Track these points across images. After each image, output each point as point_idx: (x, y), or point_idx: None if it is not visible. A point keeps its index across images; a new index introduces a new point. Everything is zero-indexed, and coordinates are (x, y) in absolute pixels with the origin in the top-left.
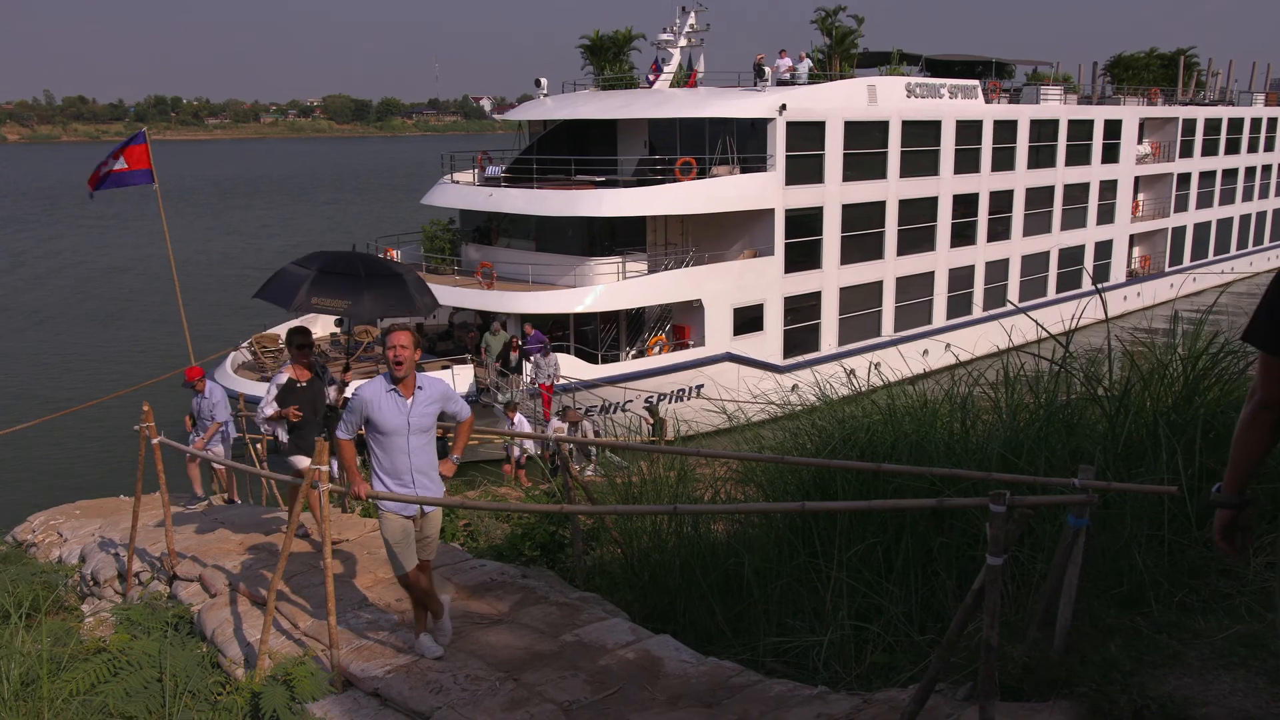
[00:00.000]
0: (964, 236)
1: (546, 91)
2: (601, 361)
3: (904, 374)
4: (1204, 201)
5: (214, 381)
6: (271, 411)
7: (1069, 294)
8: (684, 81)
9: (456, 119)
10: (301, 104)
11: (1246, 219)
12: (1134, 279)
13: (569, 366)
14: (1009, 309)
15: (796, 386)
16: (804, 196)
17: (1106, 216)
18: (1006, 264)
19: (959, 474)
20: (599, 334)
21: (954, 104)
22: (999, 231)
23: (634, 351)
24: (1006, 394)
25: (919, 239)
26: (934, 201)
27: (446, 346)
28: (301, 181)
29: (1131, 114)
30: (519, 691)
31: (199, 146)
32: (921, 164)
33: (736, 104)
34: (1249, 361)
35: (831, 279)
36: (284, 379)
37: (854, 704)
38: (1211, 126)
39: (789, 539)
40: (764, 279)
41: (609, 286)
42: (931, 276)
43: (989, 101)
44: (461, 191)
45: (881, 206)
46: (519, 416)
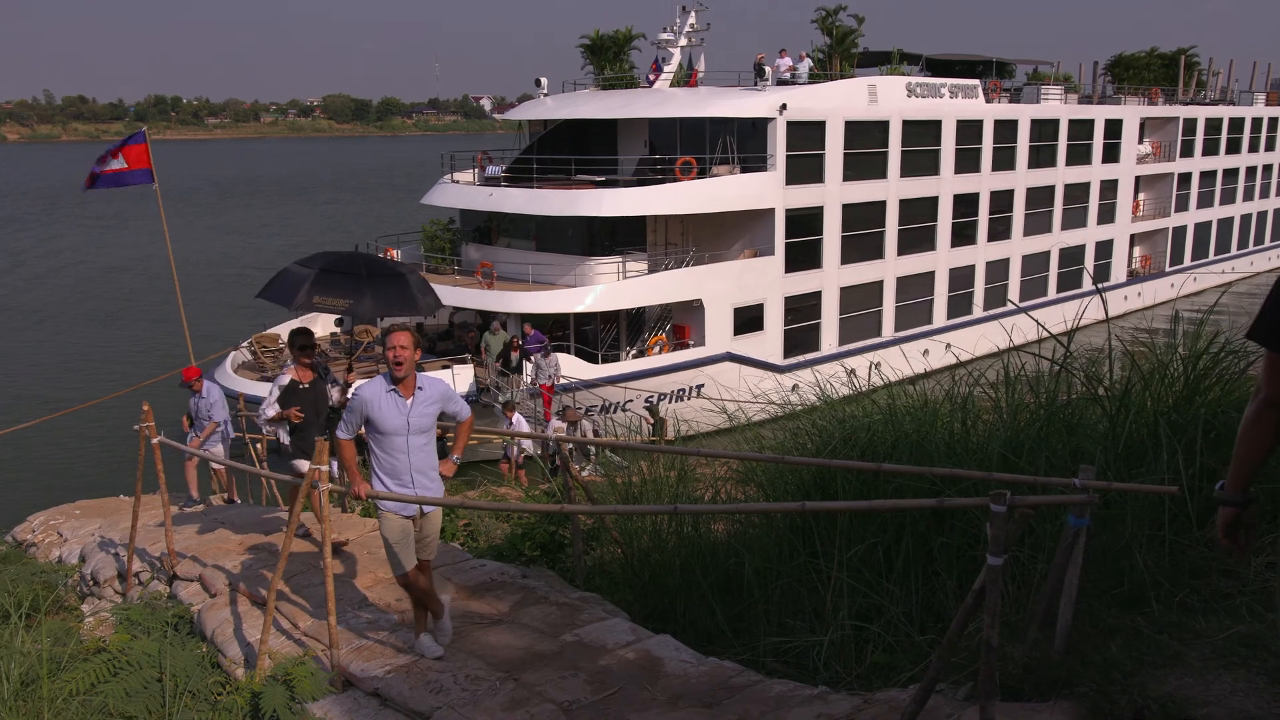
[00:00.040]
0: (964, 236)
1: (546, 91)
2: (602, 361)
3: (904, 374)
4: (1205, 201)
5: (211, 381)
6: (273, 413)
7: (1069, 294)
8: (684, 81)
9: (456, 119)
10: (301, 104)
11: (1247, 219)
12: (1135, 279)
13: (569, 366)
14: (1009, 309)
15: (797, 386)
16: (804, 196)
17: (1107, 216)
18: (1007, 264)
19: (959, 474)
20: (599, 334)
21: (954, 104)
22: (999, 231)
23: (634, 351)
24: (1007, 394)
25: (919, 239)
26: (934, 201)
27: (446, 346)
28: (301, 181)
29: (1132, 114)
30: (519, 691)
31: (199, 146)
32: (922, 164)
33: (737, 103)
34: (1250, 362)
35: (832, 279)
36: (286, 380)
37: (854, 704)
38: (1212, 126)
39: (789, 539)
40: (764, 279)
41: (609, 286)
42: (932, 276)
43: (989, 101)
44: (461, 191)
45: (882, 206)
46: (517, 416)
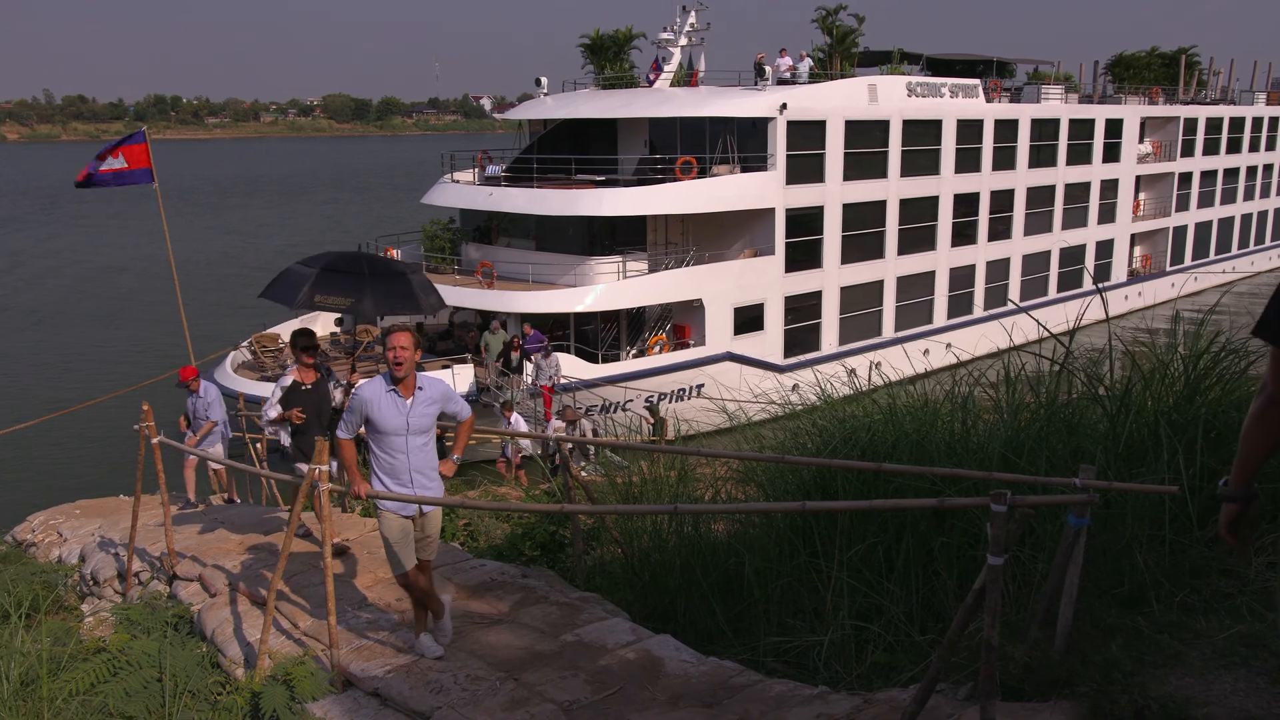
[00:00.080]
0: (965, 236)
1: (547, 91)
2: (602, 361)
3: (905, 373)
4: (1205, 201)
5: (209, 381)
6: (275, 414)
7: (1070, 293)
8: (685, 81)
9: (456, 118)
10: (301, 103)
11: (1248, 218)
12: (1135, 278)
13: (569, 366)
14: (1010, 308)
15: (797, 386)
16: (804, 196)
17: (1108, 216)
18: (1007, 263)
19: (960, 474)
20: (599, 333)
21: (955, 103)
22: (1000, 231)
23: (634, 351)
24: (1007, 393)
25: (920, 238)
26: (935, 201)
27: (446, 346)
28: (301, 181)
29: (1133, 113)
30: (519, 691)
31: (199, 146)
32: (922, 163)
33: (737, 103)
34: (1250, 361)
35: (832, 278)
36: (289, 381)
37: (854, 704)
38: (1213, 126)
39: (789, 539)
40: (764, 278)
41: (609, 286)
42: (932, 276)
43: (990, 101)
44: (461, 191)
45: (882, 206)
46: (515, 415)
